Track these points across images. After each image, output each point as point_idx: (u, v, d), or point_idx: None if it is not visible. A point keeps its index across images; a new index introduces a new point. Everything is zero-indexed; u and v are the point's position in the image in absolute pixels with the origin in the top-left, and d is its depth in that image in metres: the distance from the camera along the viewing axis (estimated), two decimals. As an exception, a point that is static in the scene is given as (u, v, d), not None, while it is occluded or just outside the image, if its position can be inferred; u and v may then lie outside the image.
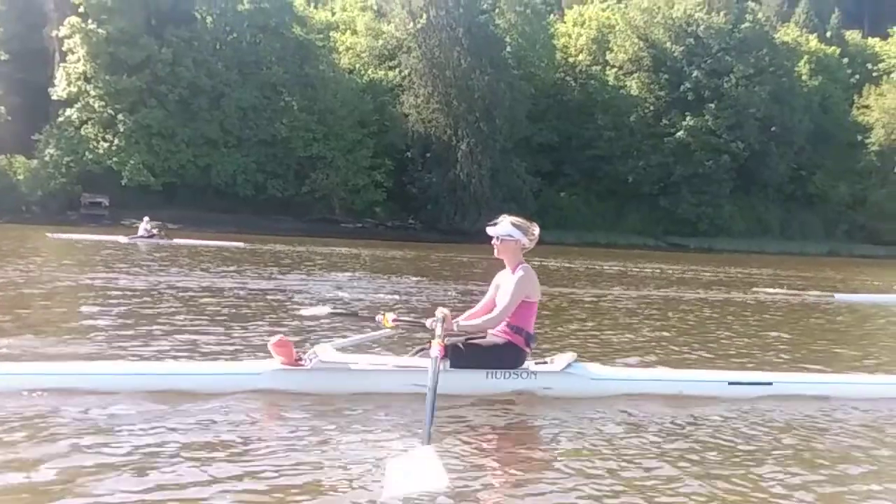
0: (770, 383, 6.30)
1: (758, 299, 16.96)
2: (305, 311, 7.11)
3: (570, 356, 5.95)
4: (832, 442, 5.11)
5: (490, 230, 5.87)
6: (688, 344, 9.42)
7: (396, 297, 12.88)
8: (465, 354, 5.41)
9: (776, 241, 64.99)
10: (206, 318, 9.38)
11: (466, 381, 5.37)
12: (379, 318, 5.92)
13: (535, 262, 20.55)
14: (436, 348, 5.08)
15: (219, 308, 10.40)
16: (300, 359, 5.55)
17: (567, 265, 27.94)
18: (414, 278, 17.82)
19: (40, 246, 23.93)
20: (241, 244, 28.98)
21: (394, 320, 5.81)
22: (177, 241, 27.99)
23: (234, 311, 10.24)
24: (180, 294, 11.83)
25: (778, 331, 11.37)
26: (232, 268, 17.91)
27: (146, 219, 28.86)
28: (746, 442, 4.95)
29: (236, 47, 55.77)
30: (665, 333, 10.36)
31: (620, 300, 15.35)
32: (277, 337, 5.59)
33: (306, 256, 25.21)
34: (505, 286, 5.86)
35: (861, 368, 8.28)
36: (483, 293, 6.20)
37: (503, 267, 6.01)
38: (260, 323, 9.14)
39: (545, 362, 5.96)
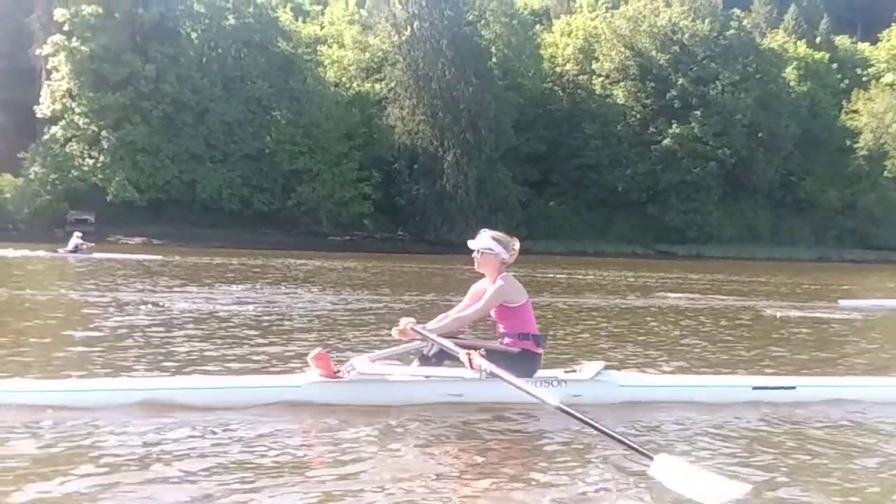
0: (794, 387, 6.33)
1: (755, 307, 16.80)
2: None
3: (598, 364, 6.04)
4: (857, 446, 5.08)
5: (471, 244, 5.96)
6: (704, 350, 9.44)
7: (261, 308, 12.62)
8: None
9: (766, 248, 64.98)
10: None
11: (499, 390, 5.41)
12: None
13: (523, 273, 20.51)
14: (479, 360, 5.29)
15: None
16: (338, 371, 5.63)
17: (563, 275, 27.77)
18: (315, 289, 17.40)
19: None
20: (159, 257, 29.37)
21: (399, 330, 5.89)
22: (96, 255, 28.24)
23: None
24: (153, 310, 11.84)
25: (787, 338, 11.29)
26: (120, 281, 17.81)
27: (76, 233, 29.00)
28: (771, 446, 4.95)
29: (221, 62, 56.06)
30: (676, 340, 10.39)
31: (621, 309, 15.18)
32: (316, 350, 5.68)
33: (224, 268, 24.88)
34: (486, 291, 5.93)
35: (877, 372, 8.27)
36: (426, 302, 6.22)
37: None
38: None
39: (574, 371, 6.01)
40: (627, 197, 64.47)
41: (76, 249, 27.55)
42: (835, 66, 76.86)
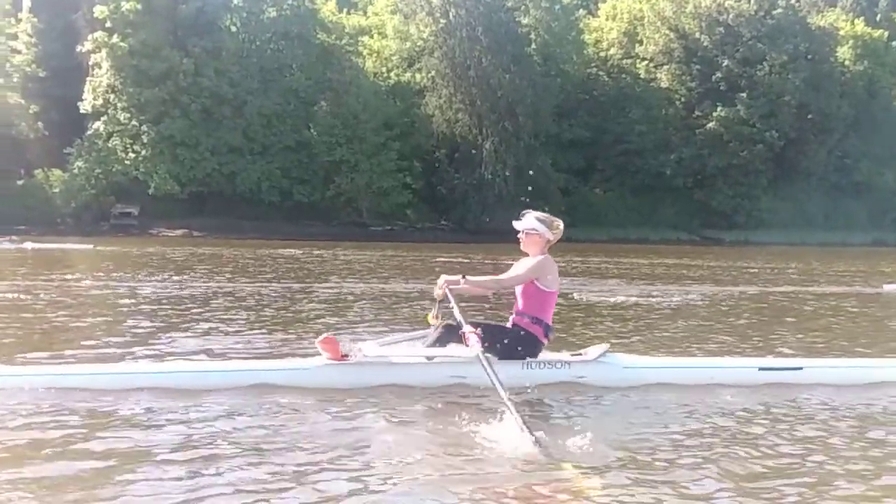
0: (800, 368, 6.35)
1: (784, 291, 16.44)
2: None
3: (602, 347, 6.29)
4: (861, 426, 5.10)
5: (516, 224, 6.27)
6: (716, 333, 9.46)
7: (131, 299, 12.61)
8: (487, 339, 5.67)
9: (819, 233, 62.73)
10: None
11: (503, 371, 5.58)
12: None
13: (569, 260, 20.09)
14: (475, 342, 5.45)
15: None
16: (346, 355, 5.87)
17: (604, 262, 27.59)
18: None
19: None
20: (90, 246, 29.78)
21: (434, 316, 6.06)
22: (27, 244, 28.89)
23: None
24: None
25: (814, 321, 11.27)
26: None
27: None
28: (775, 427, 4.99)
29: (259, 55, 56.53)
30: (692, 324, 10.42)
31: (646, 295, 15.12)
32: (324, 335, 5.96)
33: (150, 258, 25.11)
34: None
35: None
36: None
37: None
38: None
39: (579, 354, 6.21)
40: (673, 182, 62.99)
41: None
42: (894, 44, 74.04)
